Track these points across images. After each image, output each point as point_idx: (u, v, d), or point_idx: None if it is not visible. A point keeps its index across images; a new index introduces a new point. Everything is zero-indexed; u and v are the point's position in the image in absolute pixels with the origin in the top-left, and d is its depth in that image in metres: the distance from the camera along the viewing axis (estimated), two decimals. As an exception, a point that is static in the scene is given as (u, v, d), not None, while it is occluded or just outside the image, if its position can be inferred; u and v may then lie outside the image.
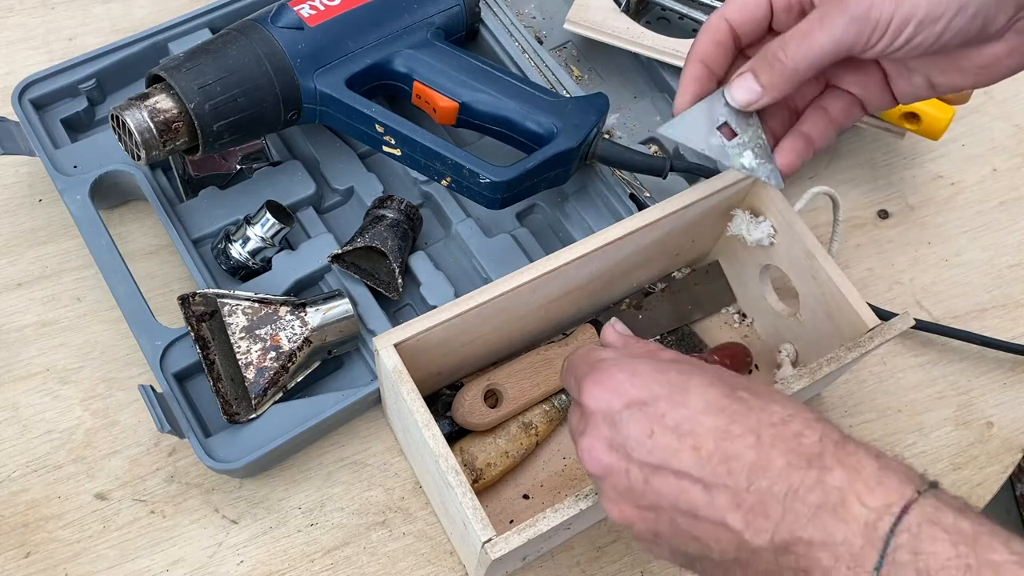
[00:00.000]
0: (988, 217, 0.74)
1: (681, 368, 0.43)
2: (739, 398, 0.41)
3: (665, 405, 0.41)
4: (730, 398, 0.41)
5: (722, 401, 0.41)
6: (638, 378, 0.42)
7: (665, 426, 0.40)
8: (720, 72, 0.51)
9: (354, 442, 0.63)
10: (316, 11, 0.62)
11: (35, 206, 0.69)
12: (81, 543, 0.59)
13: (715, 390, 0.41)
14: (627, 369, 0.43)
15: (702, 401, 0.41)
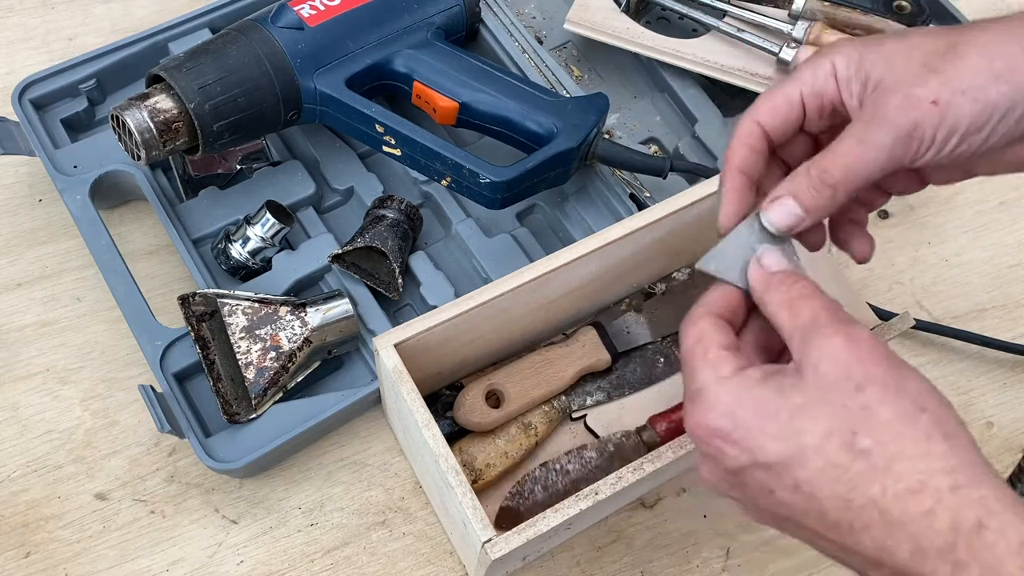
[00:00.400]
0: (988, 217, 0.74)
1: (796, 409, 0.39)
2: (861, 452, 0.37)
3: (779, 467, 0.39)
4: (850, 452, 0.37)
5: (841, 457, 0.37)
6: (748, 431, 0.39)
7: (785, 486, 0.39)
8: (757, 176, 0.47)
9: (354, 442, 0.63)
10: (316, 11, 0.62)
11: (35, 206, 0.69)
12: (81, 543, 0.59)
13: (834, 442, 0.37)
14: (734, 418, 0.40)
15: (820, 460, 0.38)
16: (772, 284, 0.44)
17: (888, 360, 0.39)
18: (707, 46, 0.70)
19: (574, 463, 0.59)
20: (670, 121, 0.73)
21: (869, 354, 0.39)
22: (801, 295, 0.42)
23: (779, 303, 0.43)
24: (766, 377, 0.40)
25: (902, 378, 0.39)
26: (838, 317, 0.41)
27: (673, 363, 0.65)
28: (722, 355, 0.42)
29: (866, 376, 0.38)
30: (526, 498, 0.58)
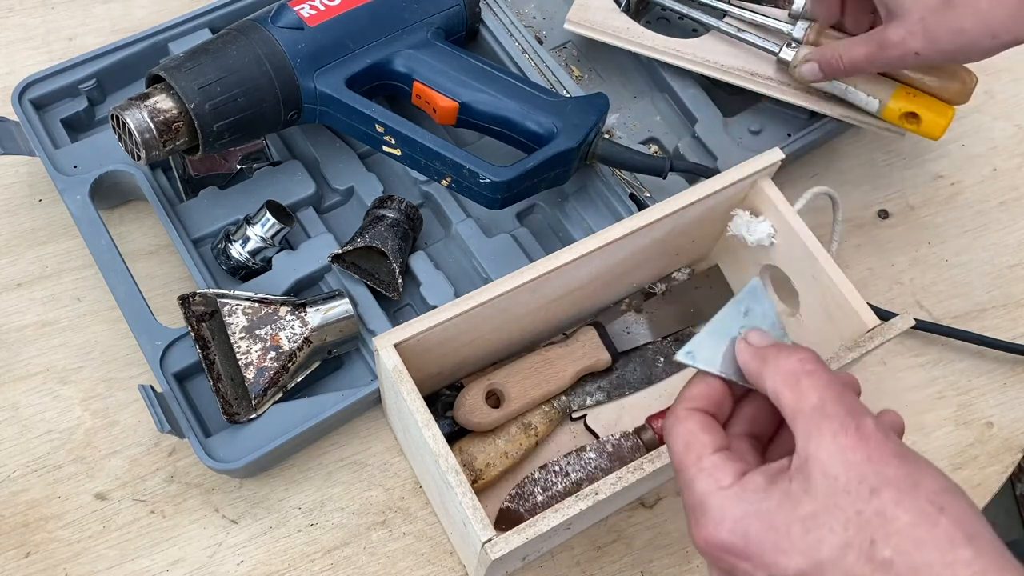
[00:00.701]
0: (988, 217, 0.74)
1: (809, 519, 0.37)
2: (882, 563, 0.35)
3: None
4: (871, 563, 0.36)
5: (862, 569, 0.36)
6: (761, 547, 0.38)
7: None
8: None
9: (354, 442, 0.63)
10: (316, 11, 0.62)
11: (35, 206, 0.69)
12: (81, 543, 0.59)
13: (852, 555, 0.36)
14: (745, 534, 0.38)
15: (840, 573, 0.36)
16: (769, 357, 0.42)
17: (899, 456, 0.37)
18: (707, 46, 0.70)
19: (574, 465, 0.59)
20: (670, 121, 0.73)
21: (879, 452, 0.37)
22: (805, 370, 0.41)
23: (782, 379, 0.41)
24: (771, 482, 0.39)
25: (917, 476, 0.37)
26: (847, 407, 0.39)
27: (673, 363, 0.65)
28: (717, 461, 0.40)
29: (879, 477, 0.37)
30: (526, 500, 0.58)
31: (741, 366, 0.44)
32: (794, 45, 0.65)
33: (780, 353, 0.42)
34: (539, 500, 0.58)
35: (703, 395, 0.44)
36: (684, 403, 0.44)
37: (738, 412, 0.45)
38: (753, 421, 0.45)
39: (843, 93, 0.65)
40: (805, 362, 0.41)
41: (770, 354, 0.42)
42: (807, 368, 0.41)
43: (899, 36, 0.58)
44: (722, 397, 0.44)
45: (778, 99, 0.68)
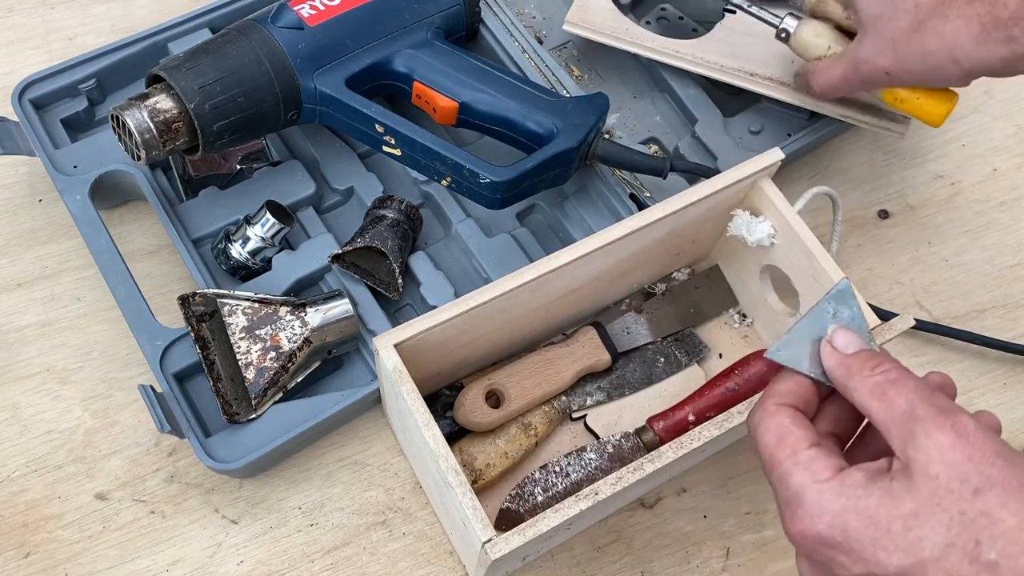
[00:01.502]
0: (988, 217, 0.74)
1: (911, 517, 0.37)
2: (987, 564, 0.35)
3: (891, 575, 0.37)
4: (975, 564, 0.35)
5: (965, 570, 0.35)
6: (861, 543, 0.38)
7: None
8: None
9: (354, 442, 0.63)
10: (316, 11, 0.62)
11: (35, 206, 0.69)
12: (81, 543, 0.59)
13: (955, 554, 0.36)
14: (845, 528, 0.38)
15: (942, 573, 0.36)
16: (854, 369, 0.42)
17: (1002, 456, 0.37)
18: (707, 46, 0.70)
19: (574, 465, 0.59)
20: (670, 121, 0.73)
21: (981, 451, 0.37)
22: (889, 380, 0.41)
23: (868, 391, 0.41)
24: (871, 480, 0.38)
25: (1022, 476, 0.36)
26: (937, 407, 0.38)
27: (673, 363, 0.65)
28: (814, 455, 0.40)
29: (983, 478, 0.36)
30: (526, 500, 0.58)
31: (827, 371, 0.44)
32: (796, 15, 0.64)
33: (865, 364, 0.42)
34: (539, 500, 0.58)
35: (792, 391, 0.44)
36: (773, 398, 0.43)
37: (823, 410, 0.45)
38: (837, 421, 0.45)
39: None
40: (889, 372, 0.41)
41: (855, 365, 0.42)
42: (891, 378, 0.40)
43: (869, 53, 0.57)
44: (810, 395, 0.44)
45: (778, 99, 0.68)
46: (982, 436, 0.37)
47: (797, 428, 0.42)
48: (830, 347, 0.44)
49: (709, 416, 0.57)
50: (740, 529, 0.62)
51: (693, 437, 0.50)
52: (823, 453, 0.40)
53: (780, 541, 0.61)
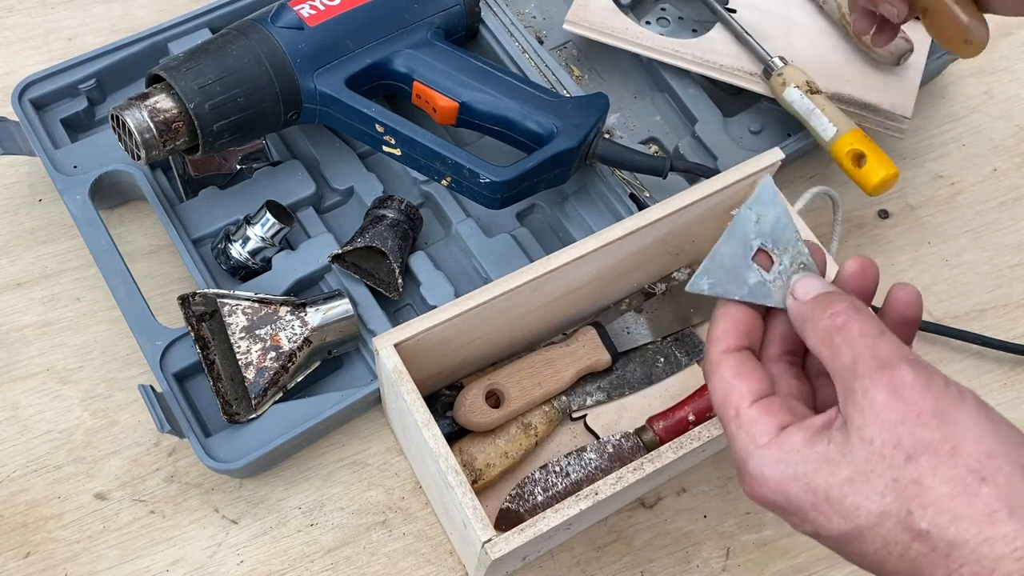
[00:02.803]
0: (988, 217, 0.74)
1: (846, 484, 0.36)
2: (919, 533, 0.34)
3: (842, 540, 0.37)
4: (909, 532, 0.35)
5: (900, 536, 0.35)
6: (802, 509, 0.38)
7: (853, 553, 0.37)
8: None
9: (354, 442, 0.63)
10: (316, 11, 0.62)
11: (35, 206, 0.69)
12: (81, 543, 0.59)
13: (889, 522, 0.35)
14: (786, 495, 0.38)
15: (879, 539, 0.36)
16: (807, 314, 0.41)
17: (938, 414, 0.35)
18: (707, 46, 0.70)
19: (574, 465, 0.59)
20: (670, 121, 0.73)
21: (916, 411, 0.35)
22: (836, 326, 0.39)
23: (819, 338, 0.40)
24: (810, 443, 0.38)
25: (958, 438, 0.35)
26: (878, 359, 0.37)
27: (673, 363, 0.65)
28: (754, 416, 0.39)
29: (914, 441, 0.35)
30: (526, 500, 0.58)
31: (792, 317, 0.42)
32: None
33: (815, 308, 0.40)
34: (539, 500, 0.58)
35: (730, 330, 0.42)
36: (713, 345, 0.42)
37: (770, 331, 0.44)
38: (786, 339, 0.44)
39: (808, 114, 0.65)
40: (836, 316, 0.39)
41: (807, 310, 0.41)
42: (837, 323, 0.39)
43: None
44: (751, 324, 0.43)
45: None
46: (919, 391, 0.36)
47: (739, 380, 0.40)
48: (792, 299, 0.42)
49: (709, 416, 0.57)
50: (740, 529, 0.62)
51: (693, 437, 0.50)
52: (764, 412, 0.39)
53: (780, 541, 0.61)
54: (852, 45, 0.71)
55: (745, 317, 0.43)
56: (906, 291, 0.43)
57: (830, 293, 0.41)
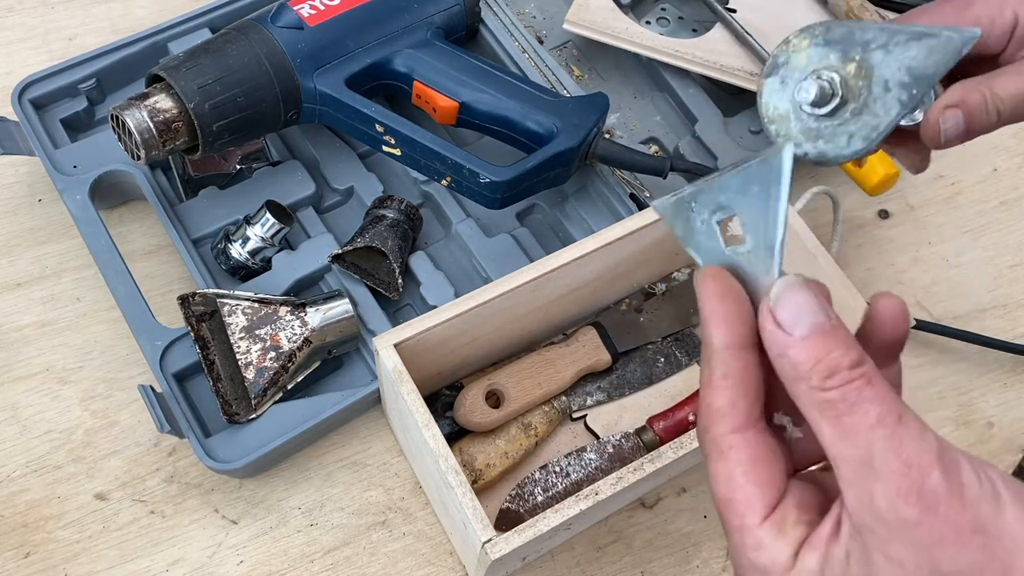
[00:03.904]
0: (989, 217, 0.74)
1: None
2: None
3: None
4: None
5: None
6: None
7: None
8: None
9: (354, 442, 0.63)
10: (316, 11, 0.62)
11: (35, 206, 0.69)
12: (81, 543, 0.59)
13: None
14: None
15: None
16: (802, 369, 0.31)
17: (981, 530, 0.29)
18: (707, 46, 0.70)
19: (574, 465, 0.59)
20: (670, 121, 0.73)
21: (954, 528, 0.29)
22: (847, 401, 0.31)
23: (818, 407, 0.31)
24: (825, 560, 0.31)
25: (1007, 558, 0.29)
26: (903, 458, 0.30)
27: (673, 363, 0.65)
28: (765, 541, 0.32)
29: (958, 568, 0.29)
30: (526, 500, 0.58)
31: (767, 350, 0.33)
32: None
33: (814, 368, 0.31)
34: (539, 500, 0.58)
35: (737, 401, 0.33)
36: (717, 422, 0.33)
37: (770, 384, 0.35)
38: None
39: None
40: (847, 390, 0.31)
41: (802, 366, 0.31)
42: (849, 399, 0.31)
43: None
44: (757, 379, 0.33)
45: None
46: (956, 506, 0.29)
47: (752, 484, 0.33)
48: (771, 320, 0.32)
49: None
50: (740, 529, 0.62)
51: (693, 437, 0.50)
52: (777, 534, 0.32)
53: (780, 541, 0.61)
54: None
55: (751, 371, 0.33)
56: (891, 304, 0.36)
57: (830, 335, 0.32)
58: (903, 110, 0.34)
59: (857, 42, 0.35)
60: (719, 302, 0.33)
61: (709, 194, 0.35)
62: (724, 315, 0.33)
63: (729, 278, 0.34)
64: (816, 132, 0.36)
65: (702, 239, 0.35)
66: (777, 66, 0.37)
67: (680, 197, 0.36)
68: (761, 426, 0.34)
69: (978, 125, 0.44)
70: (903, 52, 0.34)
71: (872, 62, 0.35)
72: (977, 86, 0.44)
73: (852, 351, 0.31)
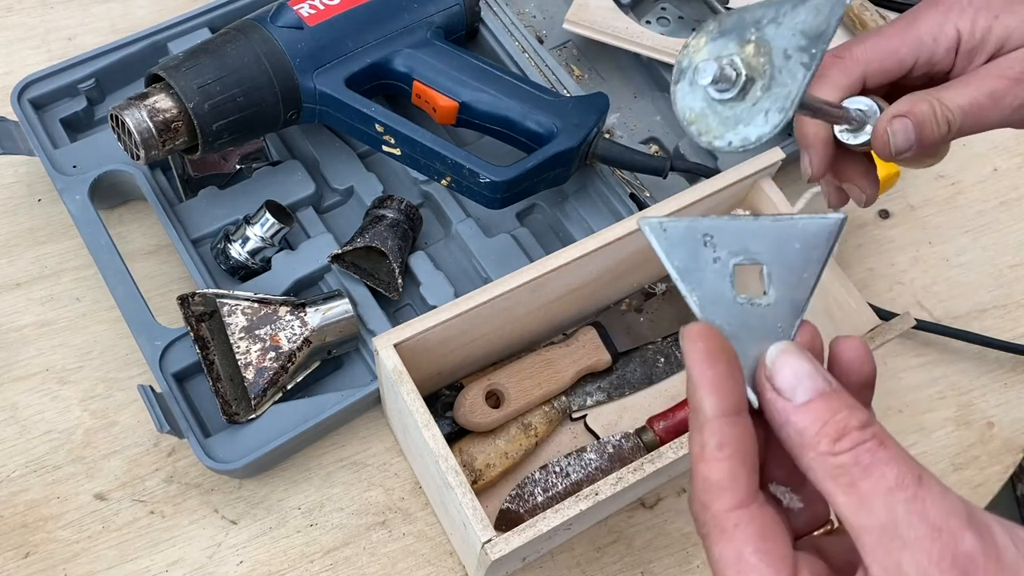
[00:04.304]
0: (989, 217, 0.74)
1: None
2: None
3: None
4: None
5: None
6: None
7: None
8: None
9: (354, 442, 0.63)
10: (316, 10, 0.62)
11: (34, 206, 0.69)
12: (80, 543, 0.59)
13: None
14: None
15: None
16: (808, 437, 0.30)
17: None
18: (707, 46, 0.70)
19: (574, 465, 0.59)
20: (670, 121, 0.73)
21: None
22: (860, 465, 0.29)
23: (830, 475, 0.29)
24: None
25: None
26: (929, 521, 0.28)
27: (673, 363, 0.65)
28: None
29: None
30: (526, 500, 0.58)
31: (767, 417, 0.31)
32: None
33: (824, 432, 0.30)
34: (539, 501, 0.58)
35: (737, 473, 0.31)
36: (716, 498, 0.31)
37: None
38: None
39: None
40: (860, 453, 0.29)
41: (808, 430, 0.30)
42: (862, 462, 0.29)
43: None
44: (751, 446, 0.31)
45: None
46: (994, 571, 0.28)
47: (763, 564, 0.30)
48: (770, 388, 0.31)
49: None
50: (740, 529, 0.62)
51: (693, 437, 0.50)
52: None
53: (780, 541, 0.61)
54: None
55: (747, 439, 0.31)
56: (853, 345, 0.34)
57: (833, 397, 0.30)
58: (808, 71, 0.34)
59: (749, 23, 0.35)
60: (710, 365, 0.31)
61: (736, 235, 0.33)
62: (716, 380, 0.31)
63: (720, 337, 0.32)
64: (735, 119, 0.36)
65: (709, 277, 0.34)
66: (682, 71, 0.37)
67: (690, 225, 0.34)
68: (762, 498, 0.31)
69: (929, 135, 0.43)
70: (792, 19, 0.34)
71: (767, 37, 0.35)
72: (927, 96, 0.44)
73: (859, 411, 0.30)
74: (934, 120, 0.43)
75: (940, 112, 0.43)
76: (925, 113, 0.43)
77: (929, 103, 0.43)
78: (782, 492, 0.34)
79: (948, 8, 0.45)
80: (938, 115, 0.43)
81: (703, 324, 0.32)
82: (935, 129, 0.43)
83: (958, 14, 0.45)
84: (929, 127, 0.43)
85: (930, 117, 0.43)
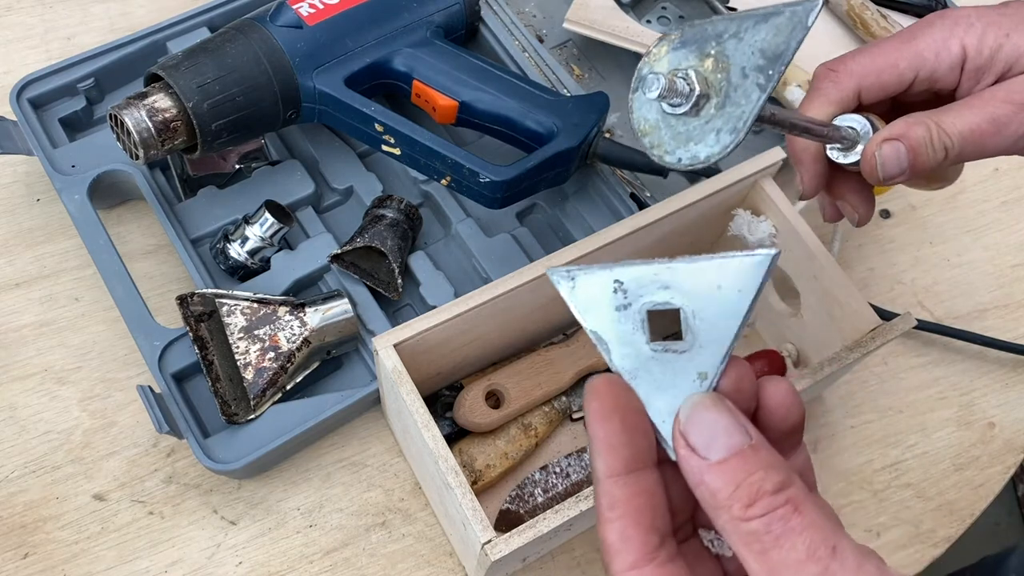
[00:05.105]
0: (990, 217, 0.74)
1: None
2: None
3: None
4: None
5: None
6: None
7: None
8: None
9: (353, 443, 0.63)
10: (315, 9, 0.62)
11: (33, 206, 0.69)
12: (79, 544, 0.59)
13: None
14: None
15: None
16: (721, 498, 0.29)
17: None
18: (708, 45, 0.70)
19: (574, 466, 0.59)
20: (671, 120, 0.73)
21: None
22: (772, 534, 0.28)
23: (743, 540, 0.28)
24: None
25: None
26: None
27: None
28: None
29: None
30: (526, 501, 0.58)
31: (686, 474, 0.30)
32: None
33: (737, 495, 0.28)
34: (539, 501, 0.58)
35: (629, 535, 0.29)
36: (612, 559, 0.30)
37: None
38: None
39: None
40: (771, 520, 0.28)
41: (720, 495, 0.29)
42: (774, 531, 0.28)
43: None
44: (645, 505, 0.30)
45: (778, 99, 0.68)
46: None
47: None
48: (684, 444, 0.29)
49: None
50: (741, 530, 0.61)
51: (694, 438, 0.50)
52: None
53: (781, 542, 0.61)
54: (856, 43, 0.71)
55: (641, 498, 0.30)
56: (780, 391, 0.32)
57: (749, 456, 0.29)
58: (763, 93, 0.33)
59: (710, 36, 0.34)
60: (601, 424, 0.30)
61: (651, 280, 0.31)
62: (606, 439, 0.30)
63: (617, 394, 0.30)
64: (686, 135, 0.35)
65: (620, 327, 0.31)
66: (642, 78, 0.36)
67: (600, 273, 0.31)
68: (665, 555, 0.30)
69: (924, 161, 0.41)
70: (753, 36, 0.33)
71: (727, 52, 0.34)
72: (924, 119, 0.41)
73: (775, 473, 0.28)
74: (930, 145, 0.41)
75: (937, 137, 0.41)
76: (921, 137, 0.41)
77: (926, 126, 0.41)
78: (711, 539, 0.33)
79: (955, 23, 0.42)
80: (935, 140, 0.41)
81: (603, 379, 0.31)
82: (930, 155, 0.41)
83: (965, 29, 0.42)
84: (924, 153, 0.41)
85: (926, 142, 0.41)
